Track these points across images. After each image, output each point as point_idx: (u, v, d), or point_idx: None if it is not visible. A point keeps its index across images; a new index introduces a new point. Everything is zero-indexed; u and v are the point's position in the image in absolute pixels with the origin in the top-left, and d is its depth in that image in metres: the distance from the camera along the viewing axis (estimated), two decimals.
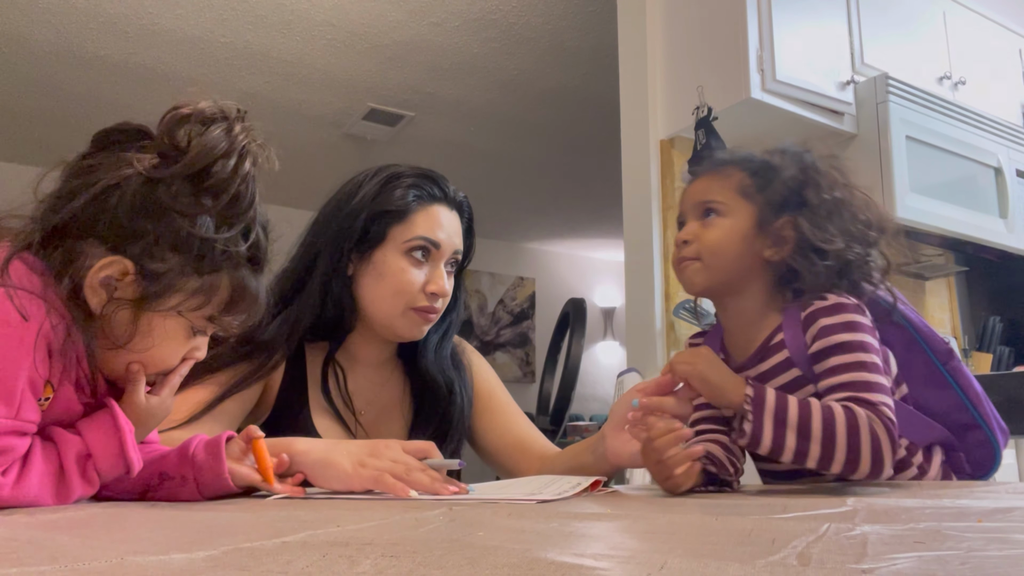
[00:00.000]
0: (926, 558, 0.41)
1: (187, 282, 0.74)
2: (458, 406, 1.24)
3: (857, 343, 0.94)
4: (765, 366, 1.03)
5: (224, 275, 0.76)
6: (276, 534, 0.51)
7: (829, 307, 0.97)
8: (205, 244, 0.73)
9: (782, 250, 1.02)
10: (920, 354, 1.07)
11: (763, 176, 1.04)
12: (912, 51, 2.60)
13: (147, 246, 0.72)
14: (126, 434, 0.75)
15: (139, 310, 0.73)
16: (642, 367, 2.34)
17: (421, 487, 0.87)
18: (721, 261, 1.03)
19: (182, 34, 3.36)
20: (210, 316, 0.78)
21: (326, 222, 1.18)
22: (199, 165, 0.73)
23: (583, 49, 3.50)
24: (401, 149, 4.50)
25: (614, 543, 0.51)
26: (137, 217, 0.72)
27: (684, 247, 1.05)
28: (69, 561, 0.41)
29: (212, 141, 0.73)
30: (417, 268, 1.15)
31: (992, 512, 0.62)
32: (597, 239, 6.54)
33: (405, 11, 3.23)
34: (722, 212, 1.04)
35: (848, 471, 0.87)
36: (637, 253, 2.43)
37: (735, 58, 2.22)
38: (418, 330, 1.18)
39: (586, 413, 5.78)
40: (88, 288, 0.72)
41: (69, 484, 0.73)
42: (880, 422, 0.87)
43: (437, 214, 1.17)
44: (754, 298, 1.05)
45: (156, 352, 0.76)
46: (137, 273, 0.72)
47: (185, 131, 0.74)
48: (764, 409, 0.88)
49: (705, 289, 1.07)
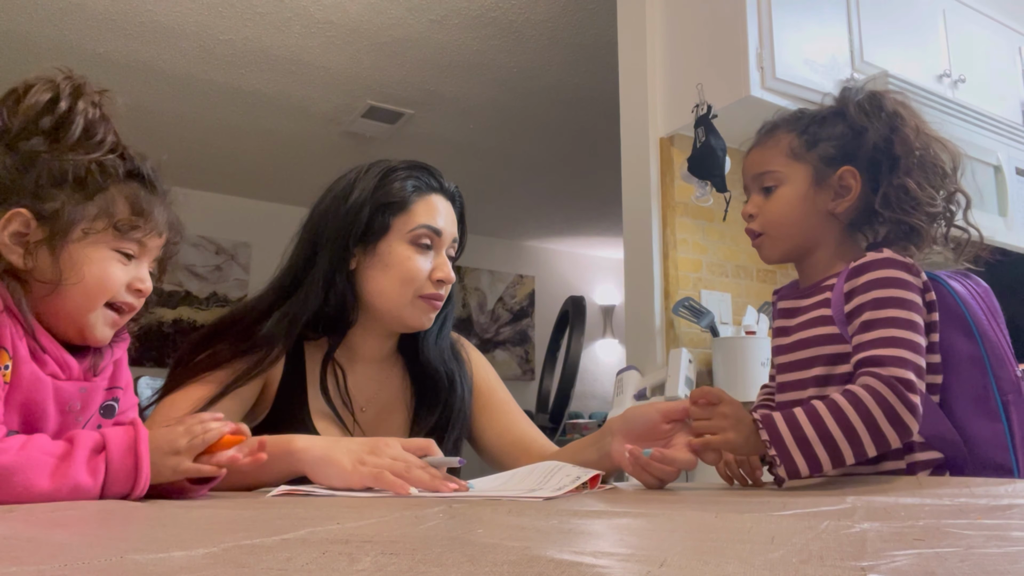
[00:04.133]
0: (925, 555, 0.41)
1: (83, 209, 0.82)
2: (459, 395, 1.25)
3: (895, 299, 0.94)
4: (810, 300, 1.05)
5: (114, 193, 0.85)
6: (276, 531, 0.51)
7: (878, 261, 0.97)
8: (79, 170, 0.82)
9: (846, 200, 1.04)
10: (981, 374, 1.02)
11: (811, 133, 1.06)
12: (912, 49, 2.59)
13: (33, 193, 0.81)
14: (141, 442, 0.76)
15: (54, 247, 0.81)
16: (641, 365, 2.35)
17: (421, 484, 0.87)
18: (786, 231, 1.06)
19: (181, 31, 3.36)
20: (119, 230, 0.85)
21: (322, 219, 1.18)
22: (32, 113, 0.83)
23: (583, 46, 3.50)
24: (401, 146, 4.49)
25: (614, 540, 0.51)
26: (12, 175, 0.82)
27: (750, 221, 1.09)
28: (69, 559, 0.40)
29: (36, 94, 0.85)
30: (423, 256, 1.17)
31: (991, 510, 0.62)
32: (597, 237, 6.54)
33: (405, 8, 3.22)
34: (779, 180, 1.06)
35: (881, 448, 0.88)
36: (637, 251, 2.43)
37: (735, 56, 2.22)
38: (426, 318, 1.19)
39: (585, 411, 5.78)
40: (3, 248, 0.80)
41: (73, 463, 0.72)
42: (883, 384, 0.87)
43: (435, 203, 1.19)
44: (826, 249, 1.07)
45: (91, 279, 0.83)
46: (37, 218, 0.81)
47: (14, 99, 0.85)
48: (783, 439, 0.88)
49: (780, 258, 1.10)
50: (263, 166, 4.90)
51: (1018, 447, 1.00)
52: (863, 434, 0.87)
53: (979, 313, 1.05)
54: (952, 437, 1.00)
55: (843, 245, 1.06)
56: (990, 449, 1.00)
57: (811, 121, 1.07)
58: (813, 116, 1.08)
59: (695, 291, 2.40)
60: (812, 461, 0.87)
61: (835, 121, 1.07)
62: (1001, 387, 1.01)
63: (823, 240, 1.07)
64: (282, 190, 5.19)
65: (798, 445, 0.88)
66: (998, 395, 1.01)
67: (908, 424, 0.87)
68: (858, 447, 0.87)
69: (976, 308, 1.05)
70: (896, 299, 0.94)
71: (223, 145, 4.51)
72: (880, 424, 0.86)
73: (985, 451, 0.99)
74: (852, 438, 0.87)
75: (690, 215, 2.43)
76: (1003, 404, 1.01)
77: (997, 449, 0.99)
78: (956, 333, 1.03)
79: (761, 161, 1.09)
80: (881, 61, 2.42)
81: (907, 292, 0.95)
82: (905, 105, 1.07)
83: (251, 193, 5.35)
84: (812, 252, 1.08)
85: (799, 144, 1.06)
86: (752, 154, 1.12)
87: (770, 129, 1.11)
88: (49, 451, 0.73)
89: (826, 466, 0.88)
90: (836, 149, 1.05)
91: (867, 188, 1.04)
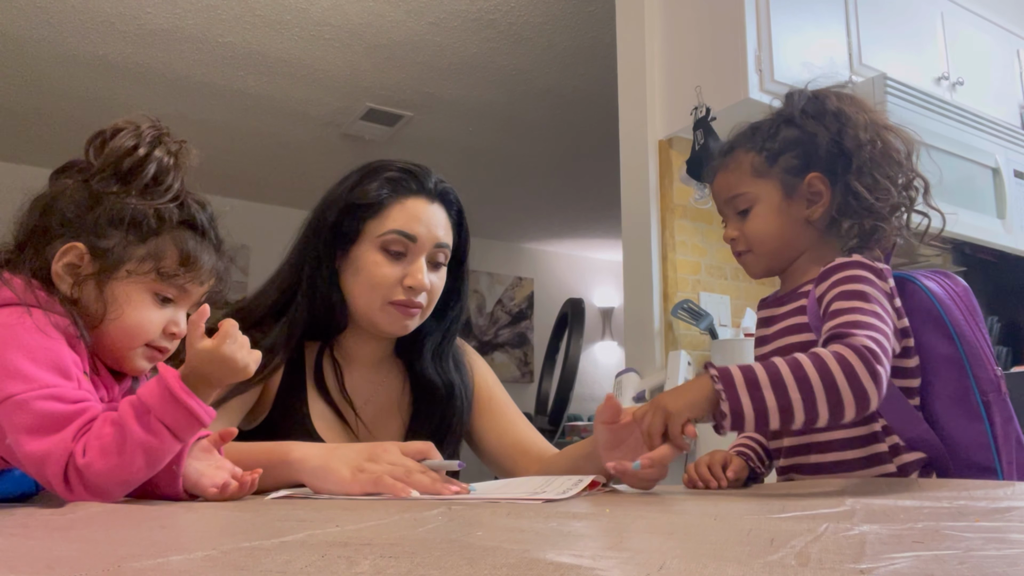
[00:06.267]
0: (924, 558, 0.41)
1: (134, 250, 0.86)
2: (457, 408, 1.24)
3: (858, 292, 0.93)
4: (787, 307, 1.06)
5: (166, 239, 0.88)
6: (275, 534, 0.51)
7: (844, 264, 0.98)
8: (137, 214, 0.86)
9: (820, 204, 1.04)
10: (960, 375, 1.00)
11: (769, 148, 1.06)
12: (910, 51, 2.60)
13: (92, 230, 0.86)
14: (172, 380, 0.79)
15: (101, 281, 0.85)
16: (640, 367, 2.35)
17: (422, 488, 0.86)
18: (769, 245, 1.07)
19: (180, 33, 3.36)
20: (163, 275, 0.88)
21: (309, 223, 1.19)
22: (113, 157, 0.87)
23: (582, 49, 3.50)
24: (399, 149, 4.49)
25: (613, 543, 0.51)
26: (79, 211, 0.86)
27: (733, 244, 1.10)
28: (66, 570, 0.40)
29: (121, 139, 0.89)
30: (393, 262, 1.14)
31: (990, 512, 0.62)
32: (595, 239, 6.54)
33: (403, 10, 3.23)
34: (751, 201, 1.07)
35: (836, 414, 0.84)
36: (635, 253, 2.43)
37: (733, 58, 2.23)
38: (400, 325, 1.16)
39: (584, 413, 5.77)
40: (55, 277, 0.84)
41: (127, 434, 0.76)
42: (850, 349, 0.84)
43: (413, 207, 1.15)
44: (807, 255, 1.07)
45: (129, 318, 0.87)
46: (90, 253, 0.85)
47: (100, 141, 0.90)
48: (734, 380, 0.85)
49: (766, 272, 1.11)
50: (261, 169, 4.90)
51: (1000, 447, 0.98)
52: (819, 393, 0.83)
53: (956, 313, 1.04)
54: (931, 439, 0.98)
55: (820, 249, 1.06)
56: (972, 450, 0.98)
57: (766, 136, 1.07)
58: (767, 130, 1.08)
59: (694, 293, 2.40)
60: (759, 406, 0.84)
61: (788, 130, 1.06)
62: (981, 387, 1.00)
63: (805, 248, 1.07)
64: (280, 193, 5.19)
65: (747, 387, 0.84)
66: (978, 395, 1.00)
67: (868, 392, 0.83)
68: (811, 406, 0.83)
69: (953, 308, 1.04)
70: (860, 292, 0.93)
71: (221, 147, 4.51)
72: (839, 386, 0.83)
73: (967, 452, 0.98)
74: (807, 394, 0.83)
75: (689, 217, 2.43)
76: (984, 404, 0.99)
77: (979, 450, 0.98)
78: (934, 335, 1.02)
79: (728, 185, 1.09)
80: (879, 64, 2.43)
81: (872, 288, 0.95)
82: (851, 99, 1.07)
83: (249, 196, 5.35)
84: (795, 260, 1.08)
85: (760, 161, 1.06)
86: (718, 179, 1.11)
87: (728, 151, 1.10)
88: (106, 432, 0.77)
89: (773, 418, 0.84)
90: (797, 158, 1.04)
91: (837, 189, 1.04)
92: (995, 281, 2.96)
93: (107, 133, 0.90)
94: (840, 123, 1.03)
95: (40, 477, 0.76)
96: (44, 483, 0.77)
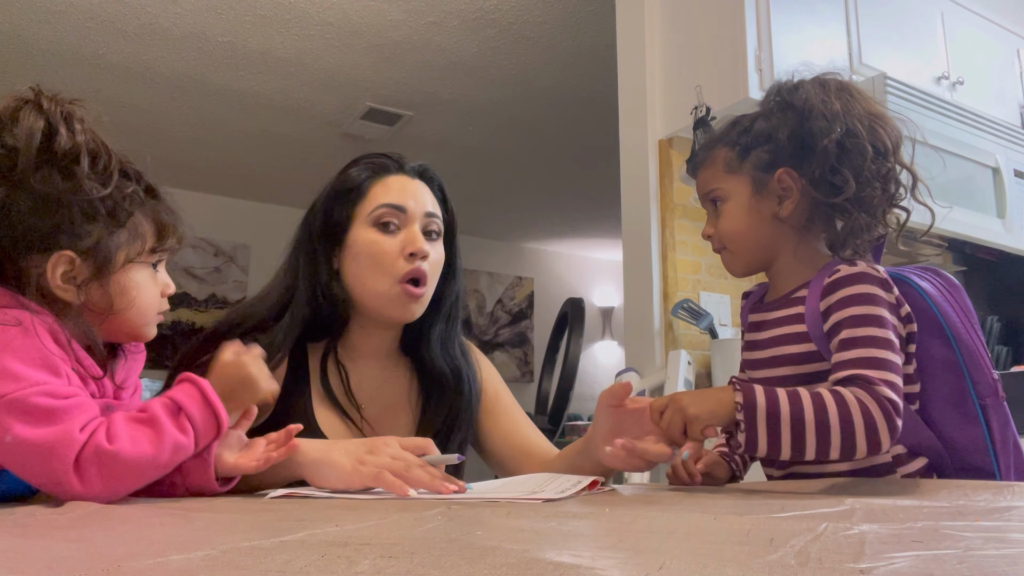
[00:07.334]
0: (924, 557, 0.41)
1: (119, 237, 0.85)
2: (466, 396, 1.24)
3: (872, 317, 0.92)
4: (780, 313, 1.03)
5: (138, 215, 0.88)
6: (275, 533, 0.51)
7: (852, 276, 0.95)
8: (106, 200, 0.83)
9: (791, 202, 1.02)
10: (958, 379, 1.00)
11: (742, 143, 1.04)
12: (910, 51, 2.60)
13: (68, 231, 0.82)
14: (206, 386, 0.84)
15: (103, 280, 0.85)
16: (640, 367, 2.35)
17: (421, 483, 0.87)
18: (742, 243, 1.05)
19: (180, 33, 3.36)
20: (153, 249, 0.90)
21: (301, 224, 1.22)
22: (32, 144, 0.80)
23: (581, 48, 3.50)
24: (399, 148, 4.42)
25: (612, 543, 0.51)
26: (39, 217, 0.81)
27: (710, 241, 1.08)
28: (66, 569, 0.40)
29: (29, 126, 0.80)
30: (390, 236, 1.15)
31: (990, 511, 0.62)
32: (596, 239, 6.54)
33: (404, 10, 3.23)
34: (722, 197, 1.06)
35: (846, 456, 0.86)
36: (635, 253, 2.43)
37: (733, 58, 2.22)
38: (408, 310, 1.16)
39: (584, 412, 5.78)
40: (57, 291, 0.82)
41: (162, 429, 0.79)
42: (874, 400, 0.85)
43: (395, 183, 1.19)
44: (786, 255, 1.05)
45: (140, 300, 0.89)
46: (80, 255, 0.83)
47: (7, 134, 0.81)
48: (756, 411, 0.86)
49: (745, 271, 1.09)
50: (262, 168, 4.90)
51: (998, 451, 0.99)
52: (834, 435, 0.84)
53: (952, 315, 1.03)
54: (933, 443, 0.98)
55: (801, 249, 1.04)
56: (970, 453, 0.98)
57: (741, 131, 1.05)
58: (744, 125, 1.06)
59: (694, 293, 2.40)
60: (773, 441, 0.85)
61: (760, 124, 1.04)
62: (978, 391, 1.00)
63: (781, 247, 1.05)
64: (281, 192, 5.19)
65: (767, 420, 0.85)
66: (976, 399, 1.00)
67: (883, 442, 0.85)
68: (824, 446, 0.85)
69: (948, 309, 1.03)
70: (873, 316, 0.92)
71: (221, 147, 4.51)
72: (856, 433, 0.84)
73: (965, 455, 0.98)
74: (822, 435, 0.84)
75: (689, 217, 2.43)
76: (981, 408, 0.99)
77: (977, 453, 0.98)
78: (931, 338, 1.01)
79: (703, 181, 1.09)
80: (880, 63, 2.42)
81: (883, 309, 0.93)
82: (839, 87, 1.02)
83: (250, 195, 5.35)
84: (775, 260, 1.06)
85: (733, 156, 1.05)
86: (698, 175, 1.11)
87: (708, 146, 1.09)
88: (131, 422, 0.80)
89: (784, 453, 0.86)
90: (768, 153, 1.02)
91: (808, 185, 1.00)
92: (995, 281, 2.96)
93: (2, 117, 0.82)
94: (802, 115, 1.00)
95: (43, 468, 0.75)
96: (43, 475, 0.75)
